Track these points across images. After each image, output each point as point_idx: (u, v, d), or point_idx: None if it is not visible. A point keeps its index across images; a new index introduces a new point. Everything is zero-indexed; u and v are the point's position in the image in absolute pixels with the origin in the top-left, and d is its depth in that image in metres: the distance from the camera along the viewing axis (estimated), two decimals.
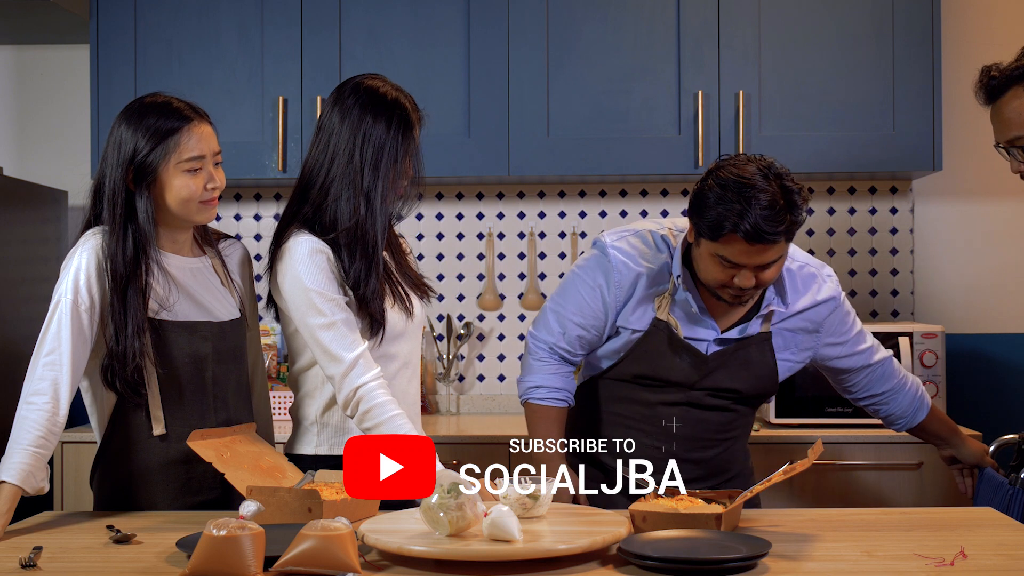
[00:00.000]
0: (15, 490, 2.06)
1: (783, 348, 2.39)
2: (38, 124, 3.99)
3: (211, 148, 2.24)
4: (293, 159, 3.53)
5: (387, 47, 3.54)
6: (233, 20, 3.57)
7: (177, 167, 2.20)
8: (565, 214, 3.88)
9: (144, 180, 2.20)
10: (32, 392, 2.14)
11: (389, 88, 2.36)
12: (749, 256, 2.14)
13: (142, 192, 2.21)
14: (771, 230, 2.10)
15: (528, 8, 3.51)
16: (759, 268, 2.17)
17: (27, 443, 2.09)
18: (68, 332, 2.16)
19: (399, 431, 2.21)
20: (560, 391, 2.41)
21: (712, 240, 2.16)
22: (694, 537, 1.82)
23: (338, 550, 1.67)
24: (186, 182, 2.21)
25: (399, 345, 2.39)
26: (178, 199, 2.22)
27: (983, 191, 3.82)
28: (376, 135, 2.30)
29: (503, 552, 1.72)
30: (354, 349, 2.25)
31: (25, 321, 3.48)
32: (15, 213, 3.50)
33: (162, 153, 2.19)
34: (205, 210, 2.25)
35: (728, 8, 3.49)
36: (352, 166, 2.30)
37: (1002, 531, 1.98)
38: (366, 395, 2.24)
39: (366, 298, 2.29)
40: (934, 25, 3.45)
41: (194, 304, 2.29)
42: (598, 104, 3.51)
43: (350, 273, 2.29)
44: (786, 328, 2.38)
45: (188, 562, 1.69)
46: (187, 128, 2.21)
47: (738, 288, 2.20)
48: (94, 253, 2.20)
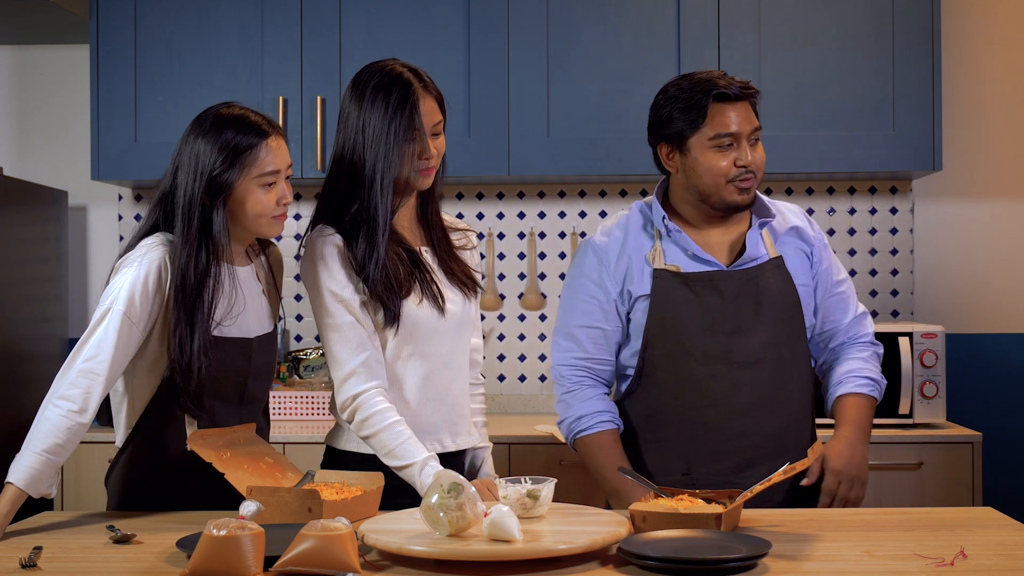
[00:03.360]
0: (19, 493, 2.03)
1: (798, 271, 2.39)
2: (38, 124, 3.99)
3: (285, 162, 2.21)
4: (293, 159, 3.53)
5: (387, 47, 3.53)
6: (233, 20, 3.57)
7: (253, 182, 2.17)
8: (565, 214, 3.88)
9: (220, 194, 2.16)
10: (61, 396, 2.09)
11: (395, 66, 2.29)
12: (739, 117, 2.30)
13: (219, 206, 2.17)
14: (742, 83, 2.32)
15: (528, 8, 3.52)
16: (751, 143, 2.31)
17: (42, 447, 2.06)
18: (112, 343, 2.10)
19: (398, 438, 2.19)
20: (603, 413, 2.37)
21: (701, 125, 2.30)
22: (694, 537, 1.82)
23: (338, 550, 1.67)
24: (261, 197, 2.17)
25: (434, 344, 2.30)
26: (253, 214, 2.18)
27: (983, 191, 3.82)
28: (376, 115, 2.24)
29: (503, 552, 1.72)
30: (357, 355, 2.22)
31: (25, 321, 3.48)
32: (15, 213, 3.50)
33: (239, 169, 2.15)
34: (276, 224, 2.22)
35: (728, 8, 3.49)
36: (357, 150, 2.26)
37: (1002, 531, 1.98)
38: (364, 403, 2.21)
39: (371, 282, 2.23)
40: (934, 25, 3.45)
41: (244, 317, 2.25)
42: (598, 104, 3.51)
43: (357, 258, 2.25)
44: (789, 251, 2.40)
45: (188, 562, 1.69)
46: (264, 144, 2.17)
47: (742, 168, 2.30)
48: (156, 265, 2.14)
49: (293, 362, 3.74)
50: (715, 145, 2.31)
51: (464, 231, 2.46)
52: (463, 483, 1.82)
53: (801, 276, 2.39)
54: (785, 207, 2.48)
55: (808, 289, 2.40)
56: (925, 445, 3.20)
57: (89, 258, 3.96)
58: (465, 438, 2.38)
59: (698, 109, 2.30)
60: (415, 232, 2.37)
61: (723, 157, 2.30)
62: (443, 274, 2.34)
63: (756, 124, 2.34)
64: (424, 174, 2.28)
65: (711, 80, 2.32)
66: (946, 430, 3.25)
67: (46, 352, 3.60)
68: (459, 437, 2.36)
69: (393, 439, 2.19)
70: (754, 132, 2.33)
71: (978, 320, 3.81)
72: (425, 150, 2.25)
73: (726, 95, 2.30)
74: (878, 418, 3.23)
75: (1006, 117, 3.81)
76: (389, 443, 2.19)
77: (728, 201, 2.33)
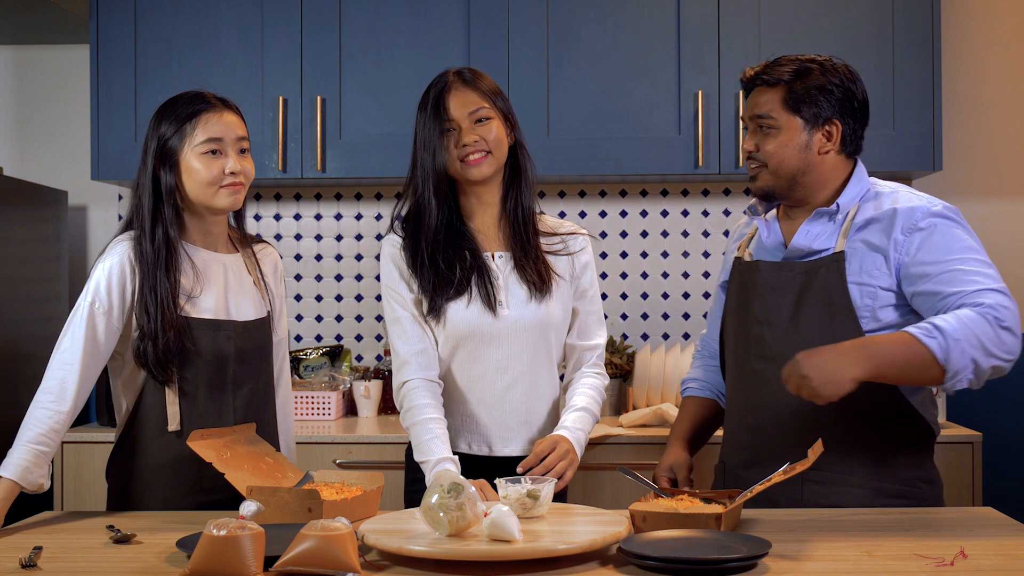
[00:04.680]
0: (12, 485, 2.09)
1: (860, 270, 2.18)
2: (38, 124, 3.99)
3: (232, 133, 2.26)
4: (293, 159, 3.53)
5: (387, 47, 3.54)
6: (233, 20, 3.57)
7: (194, 150, 2.23)
8: (565, 214, 3.88)
9: (168, 161, 2.24)
10: (42, 390, 2.19)
11: (441, 74, 2.37)
12: (751, 105, 2.27)
13: (167, 172, 2.25)
14: (764, 65, 2.26)
15: (528, 8, 3.51)
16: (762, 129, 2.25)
17: (28, 440, 2.13)
18: (81, 335, 2.20)
19: (425, 434, 2.24)
20: (694, 380, 2.52)
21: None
22: (694, 537, 1.82)
23: (338, 550, 1.67)
24: (204, 165, 2.23)
25: (489, 349, 2.31)
26: (197, 183, 2.24)
27: (983, 191, 3.82)
28: (418, 121, 2.33)
29: (503, 552, 1.72)
30: (412, 346, 2.30)
31: (25, 321, 3.48)
32: (15, 213, 3.50)
33: (181, 136, 2.23)
34: (226, 195, 2.25)
35: (728, 8, 3.49)
36: (414, 153, 2.34)
37: (1002, 531, 1.98)
38: (408, 393, 2.29)
39: (419, 279, 2.31)
40: (934, 25, 3.45)
41: (220, 299, 2.30)
42: (598, 104, 3.51)
43: (406, 256, 2.33)
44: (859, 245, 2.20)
45: (188, 562, 1.69)
46: (206, 113, 2.24)
47: (745, 151, 2.29)
48: (118, 257, 2.24)
49: (293, 362, 3.74)
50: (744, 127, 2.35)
51: (566, 235, 2.42)
52: (463, 483, 1.83)
53: (865, 276, 2.18)
54: (907, 194, 2.23)
55: (871, 290, 2.17)
56: None
57: (89, 258, 3.96)
58: (520, 446, 2.35)
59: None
60: (494, 235, 2.37)
61: (746, 140, 2.31)
62: (516, 277, 2.33)
63: (760, 111, 2.24)
64: (471, 164, 2.29)
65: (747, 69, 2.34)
66: (946, 430, 3.25)
67: (46, 352, 3.58)
68: (511, 444, 2.34)
69: (421, 434, 2.25)
70: (759, 119, 2.25)
71: None
72: (461, 138, 2.29)
73: (747, 83, 2.31)
74: None
75: (1006, 117, 3.81)
76: (417, 437, 2.26)
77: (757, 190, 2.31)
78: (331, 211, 3.93)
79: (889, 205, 2.21)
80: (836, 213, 2.23)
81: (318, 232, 3.93)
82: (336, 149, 3.54)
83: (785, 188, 2.27)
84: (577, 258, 2.40)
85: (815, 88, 2.21)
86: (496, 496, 2.07)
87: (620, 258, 3.87)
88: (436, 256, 2.30)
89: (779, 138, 2.24)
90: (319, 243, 3.93)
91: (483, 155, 2.29)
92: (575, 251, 2.41)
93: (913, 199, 2.21)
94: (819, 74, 2.22)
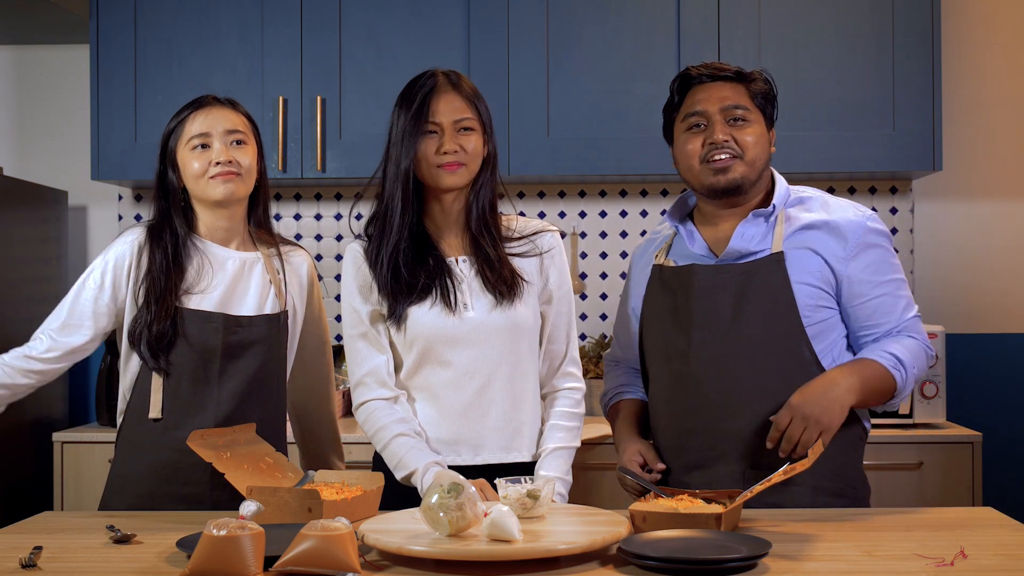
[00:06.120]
0: None
1: (803, 270, 2.22)
2: (38, 124, 3.99)
3: (220, 126, 2.32)
4: (293, 159, 3.54)
5: (387, 47, 3.54)
6: (233, 20, 3.57)
7: (186, 147, 2.32)
8: (565, 214, 3.88)
9: (170, 162, 2.36)
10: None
11: (420, 74, 2.30)
12: (708, 96, 2.26)
13: (171, 171, 2.36)
14: (718, 64, 2.29)
15: (528, 8, 3.52)
16: (730, 122, 2.25)
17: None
18: (70, 299, 2.33)
19: (400, 450, 2.21)
20: (622, 386, 2.48)
21: (677, 109, 2.32)
22: (694, 537, 1.82)
23: (338, 550, 1.67)
24: (193, 158, 2.31)
25: (454, 352, 2.23)
26: (189, 177, 2.33)
27: (983, 191, 3.82)
28: (396, 113, 2.28)
29: (503, 552, 1.72)
30: (364, 365, 2.27)
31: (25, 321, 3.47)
32: (15, 213, 3.50)
33: (176, 135, 2.34)
34: (216, 185, 2.31)
35: (728, 8, 3.49)
36: (386, 152, 2.29)
37: (1002, 531, 1.98)
38: (369, 416, 2.26)
39: (379, 281, 2.26)
40: (934, 25, 3.45)
41: (222, 294, 2.34)
42: (598, 104, 3.51)
43: (369, 259, 2.29)
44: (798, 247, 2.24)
45: (188, 562, 1.69)
46: (198, 110, 2.34)
47: (711, 146, 2.24)
48: (126, 245, 2.34)
49: None
50: (687, 127, 2.30)
51: (532, 236, 2.33)
52: (463, 483, 1.82)
53: (806, 275, 2.22)
54: (835, 203, 2.30)
55: (811, 290, 2.22)
56: (925, 445, 3.20)
57: (89, 258, 3.95)
58: (493, 454, 2.26)
59: (674, 96, 2.34)
60: (457, 240, 2.31)
61: (693, 138, 2.28)
62: (479, 281, 2.26)
63: (733, 102, 2.25)
64: (446, 170, 2.23)
65: (687, 68, 2.35)
66: (946, 430, 3.25)
67: None
68: (483, 452, 2.26)
69: (396, 452, 2.22)
70: (731, 110, 2.25)
71: (978, 320, 3.81)
72: (442, 144, 2.22)
73: (696, 78, 2.30)
74: (879, 419, 3.25)
75: (1006, 117, 3.81)
76: (394, 457, 2.23)
77: (707, 184, 2.26)
78: (331, 211, 3.93)
79: (819, 209, 2.28)
80: (771, 214, 2.28)
81: (318, 232, 3.93)
82: (336, 149, 3.54)
83: (751, 182, 2.28)
84: (544, 259, 2.33)
85: (766, 91, 2.32)
86: (496, 496, 2.07)
87: (620, 258, 3.87)
88: (398, 260, 2.24)
89: (755, 130, 2.28)
90: (319, 243, 3.93)
91: (460, 165, 2.23)
92: (544, 250, 2.33)
93: (848, 210, 2.28)
94: (762, 81, 2.32)
